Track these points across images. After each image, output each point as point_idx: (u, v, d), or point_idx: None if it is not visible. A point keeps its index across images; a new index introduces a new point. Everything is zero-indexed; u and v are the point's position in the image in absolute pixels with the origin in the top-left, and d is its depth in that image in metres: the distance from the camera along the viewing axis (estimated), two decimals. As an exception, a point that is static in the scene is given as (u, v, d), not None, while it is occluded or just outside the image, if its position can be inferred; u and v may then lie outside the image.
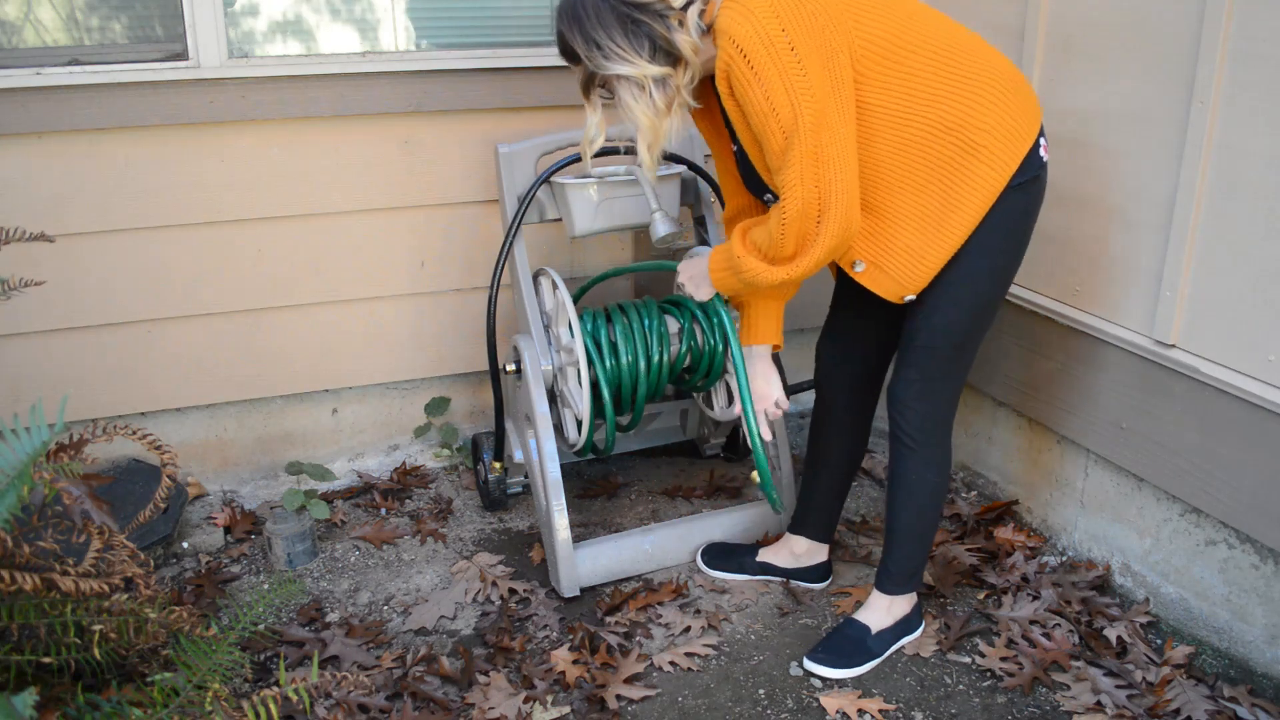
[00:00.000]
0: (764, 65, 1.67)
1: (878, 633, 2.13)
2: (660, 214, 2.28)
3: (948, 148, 1.79)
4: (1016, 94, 1.83)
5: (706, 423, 2.87)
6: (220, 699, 1.58)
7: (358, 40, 2.55)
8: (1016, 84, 1.84)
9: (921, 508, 2.08)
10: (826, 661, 2.10)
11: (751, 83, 1.69)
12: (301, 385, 2.75)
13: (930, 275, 1.88)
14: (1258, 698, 1.99)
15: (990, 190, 1.81)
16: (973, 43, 1.84)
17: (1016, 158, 1.82)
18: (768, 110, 1.70)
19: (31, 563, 1.59)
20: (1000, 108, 1.80)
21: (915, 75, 1.78)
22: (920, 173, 1.81)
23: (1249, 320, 1.96)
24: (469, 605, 2.32)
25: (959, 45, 1.81)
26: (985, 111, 1.79)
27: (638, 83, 1.79)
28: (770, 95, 1.69)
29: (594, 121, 1.94)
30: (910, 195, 1.83)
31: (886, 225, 1.87)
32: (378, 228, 2.67)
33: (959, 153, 1.80)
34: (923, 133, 1.79)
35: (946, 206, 1.82)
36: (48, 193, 2.37)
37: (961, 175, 1.80)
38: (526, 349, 2.37)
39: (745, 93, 1.72)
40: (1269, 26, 1.86)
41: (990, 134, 1.80)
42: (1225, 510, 2.04)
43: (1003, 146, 1.81)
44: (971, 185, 1.81)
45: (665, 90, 1.80)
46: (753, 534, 2.52)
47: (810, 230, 1.77)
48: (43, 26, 2.35)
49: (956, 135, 1.79)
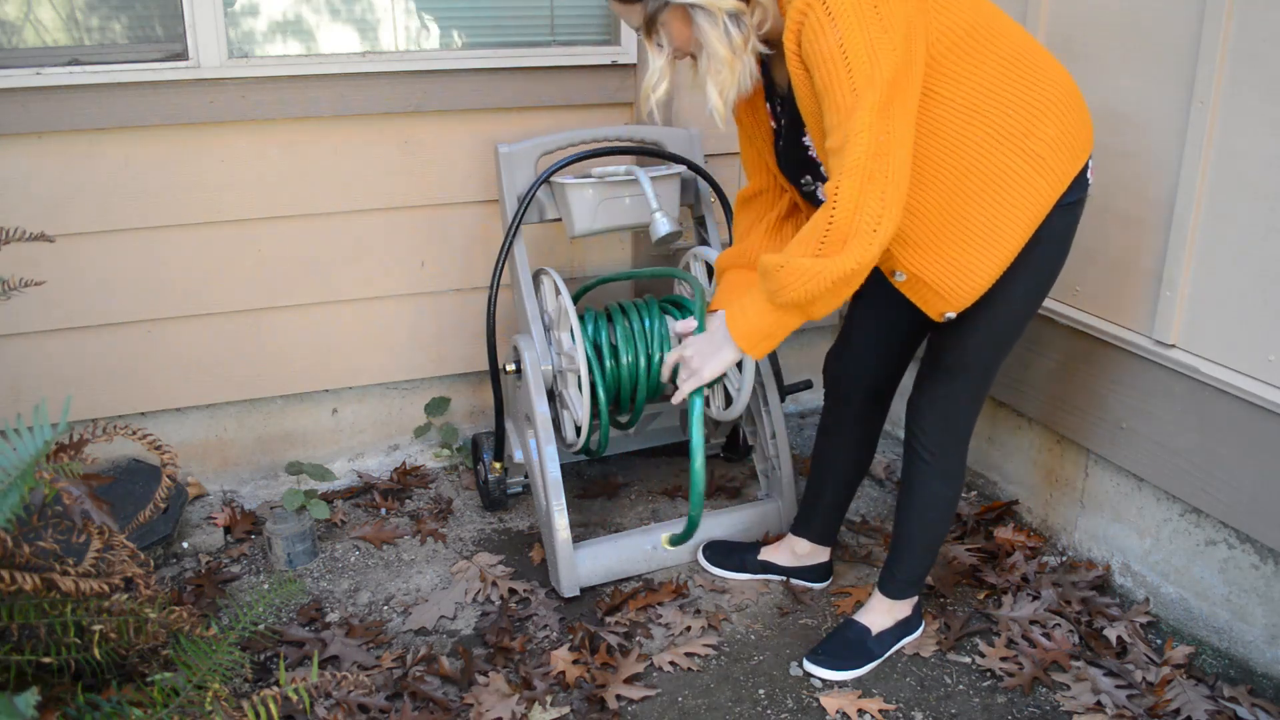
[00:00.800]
0: (844, 13, 1.53)
1: (878, 634, 2.13)
2: (660, 214, 2.28)
3: (1008, 155, 1.70)
4: (1077, 110, 1.76)
5: (707, 423, 2.87)
6: (220, 699, 1.58)
7: (358, 40, 2.55)
8: (1077, 99, 1.77)
9: (932, 520, 2.06)
10: (826, 663, 2.10)
11: (827, 30, 1.54)
12: (301, 385, 2.75)
13: (976, 294, 1.77)
14: (1258, 698, 1.99)
15: (1043, 206, 1.73)
16: (1040, 52, 1.76)
17: (1070, 174, 1.75)
18: (839, 61, 1.54)
19: (31, 563, 1.59)
20: (1063, 121, 1.73)
21: (986, 73, 1.68)
22: (976, 180, 1.71)
23: (1249, 320, 1.97)
24: (469, 605, 2.32)
25: (1029, 52, 1.73)
26: (1048, 123, 1.71)
27: (711, 12, 1.65)
28: (846, 43, 1.53)
29: (657, 67, 1.76)
30: (962, 203, 1.72)
31: (933, 234, 1.75)
32: (378, 228, 2.67)
33: (1020, 162, 1.70)
34: (984, 135, 1.69)
35: (999, 220, 1.72)
36: (48, 193, 2.37)
37: (1019, 187, 1.71)
38: (526, 349, 2.37)
39: (816, 43, 1.56)
40: (1269, 26, 1.86)
41: (1051, 147, 1.71)
42: (1225, 510, 2.04)
43: (1060, 161, 1.73)
44: (1027, 199, 1.71)
45: (740, 26, 1.66)
46: (753, 533, 2.52)
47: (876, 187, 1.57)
48: (43, 26, 2.35)
49: (1019, 144, 1.69)
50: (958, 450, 2.02)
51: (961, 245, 1.74)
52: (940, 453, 2.00)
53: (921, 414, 1.99)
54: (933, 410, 1.97)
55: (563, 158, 2.50)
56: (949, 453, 2.00)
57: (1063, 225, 1.80)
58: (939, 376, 1.94)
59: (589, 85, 2.70)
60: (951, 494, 2.05)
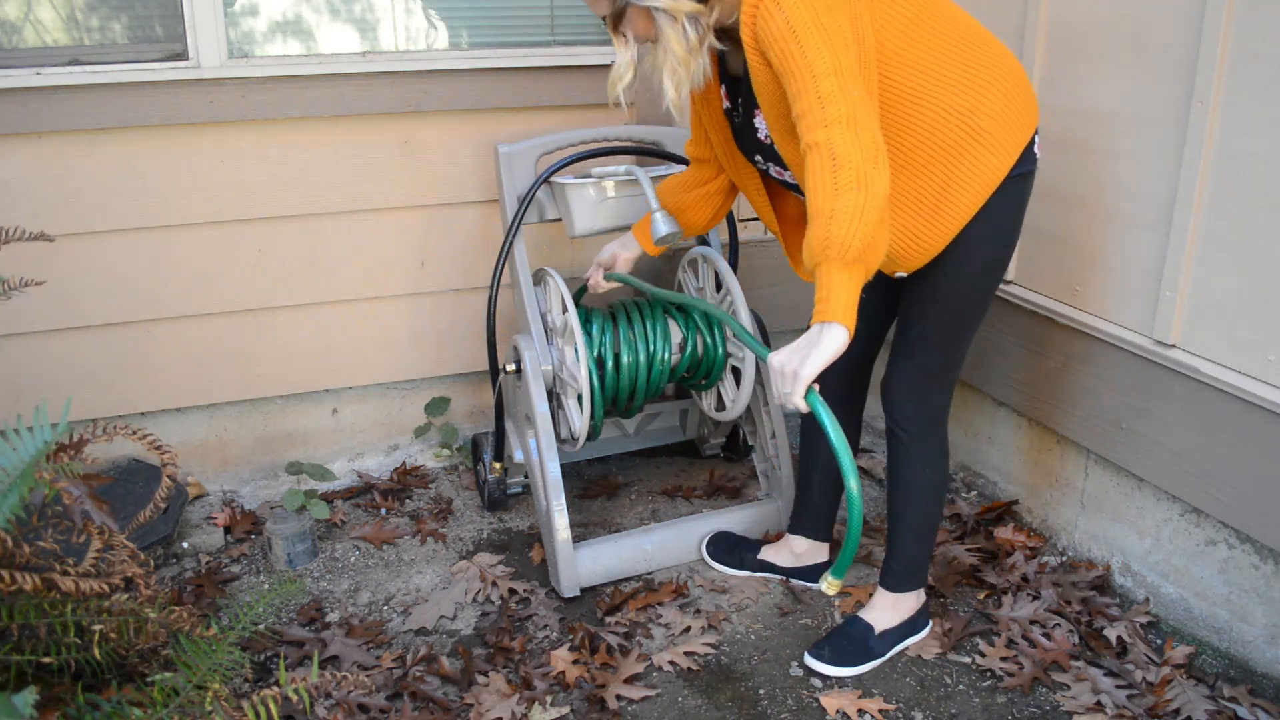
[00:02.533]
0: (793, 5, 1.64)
1: (881, 633, 2.13)
2: (660, 214, 2.28)
3: (954, 132, 1.80)
4: (1021, 88, 1.85)
5: (706, 423, 2.87)
6: (220, 699, 1.58)
7: (358, 40, 2.55)
8: (1021, 79, 1.86)
9: (921, 504, 2.09)
10: (826, 659, 2.10)
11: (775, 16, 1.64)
12: (301, 385, 2.75)
13: (926, 257, 1.87)
14: (1258, 698, 1.99)
15: (992, 178, 1.82)
16: (984, 35, 1.86)
17: (1018, 148, 1.83)
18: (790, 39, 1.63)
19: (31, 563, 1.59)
20: (1007, 98, 1.82)
21: (931, 57, 1.78)
22: (923, 154, 1.81)
23: (1249, 320, 1.96)
24: (469, 605, 2.32)
25: (972, 35, 1.84)
26: (992, 100, 1.80)
27: (671, 14, 1.76)
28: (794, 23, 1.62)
29: (624, 60, 1.85)
30: (911, 176, 1.82)
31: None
32: (378, 228, 2.67)
33: (964, 138, 1.80)
34: (932, 114, 1.79)
35: (946, 190, 1.82)
36: (48, 193, 2.38)
37: (965, 160, 1.81)
38: (526, 349, 2.37)
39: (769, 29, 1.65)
40: (1269, 26, 1.86)
41: (996, 121, 1.81)
42: (1225, 510, 2.04)
43: (1007, 135, 1.82)
44: (973, 171, 1.81)
45: (697, 27, 1.77)
46: (753, 533, 2.52)
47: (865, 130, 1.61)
48: (43, 26, 2.35)
49: (964, 121, 1.79)
50: (936, 429, 2.05)
51: (911, 213, 1.83)
52: (918, 432, 2.03)
53: (894, 391, 2.03)
54: (903, 385, 2.02)
55: (563, 158, 2.50)
56: (928, 431, 2.04)
57: (1014, 196, 1.88)
58: (908, 351, 1.99)
59: (589, 85, 2.70)
60: (937, 476, 2.07)
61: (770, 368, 1.70)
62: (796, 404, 1.67)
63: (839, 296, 1.61)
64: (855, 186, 1.57)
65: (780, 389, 1.68)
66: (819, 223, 1.60)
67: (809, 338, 1.64)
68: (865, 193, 1.57)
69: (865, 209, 1.57)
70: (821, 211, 1.59)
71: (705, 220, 2.27)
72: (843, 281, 1.61)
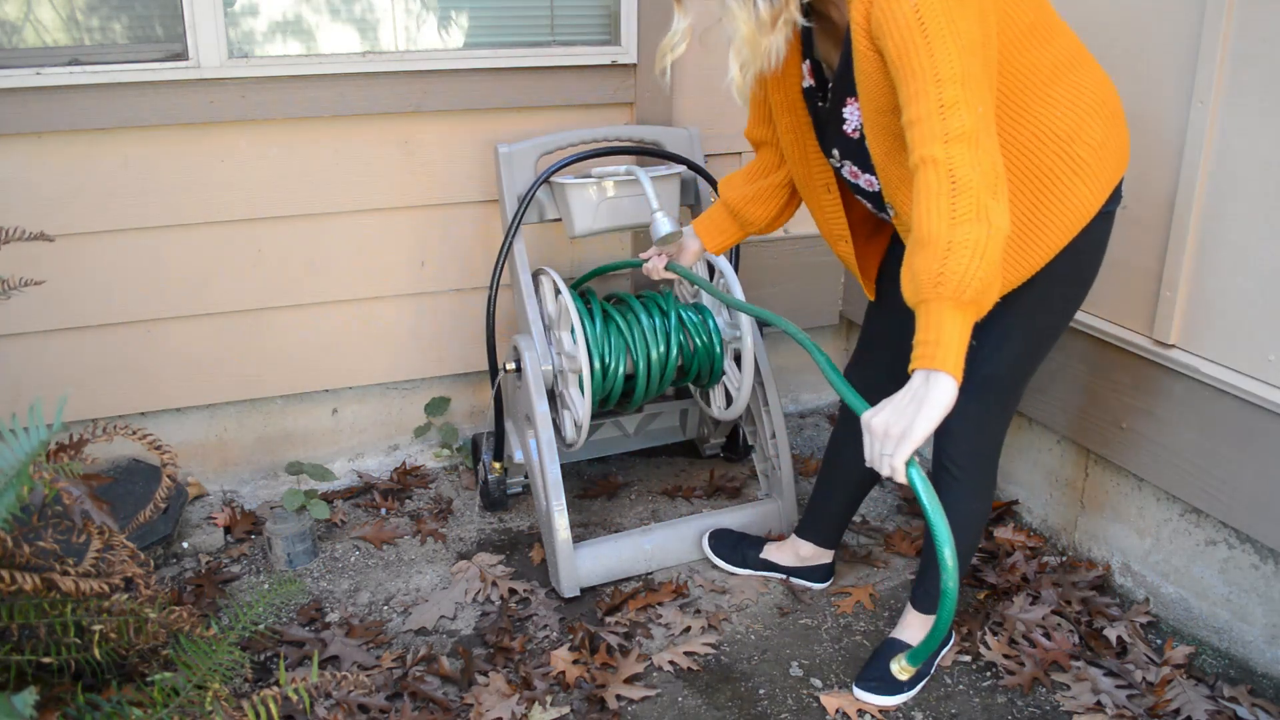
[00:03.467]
0: None
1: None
2: (660, 214, 2.28)
3: (1051, 157, 1.64)
4: (1119, 121, 1.72)
5: (706, 423, 2.87)
6: (220, 699, 1.58)
7: (358, 40, 2.55)
8: (1119, 111, 1.73)
9: (965, 536, 1.98)
10: (880, 689, 2.03)
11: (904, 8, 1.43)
12: (301, 385, 2.75)
13: (1003, 291, 1.65)
14: (1258, 698, 1.99)
15: (1084, 212, 1.67)
16: (1089, 58, 1.71)
17: (1111, 184, 1.69)
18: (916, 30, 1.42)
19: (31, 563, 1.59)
20: (1107, 129, 1.67)
21: (1040, 71, 1.62)
22: (1015, 178, 1.63)
23: (1249, 320, 1.96)
24: (469, 605, 2.32)
25: (1080, 57, 1.68)
26: (1094, 129, 1.65)
27: None
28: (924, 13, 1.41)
29: (681, 27, 1.65)
30: None
31: None
32: (378, 228, 2.67)
33: (1062, 165, 1.64)
34: (1031, 135, 1.62)
35: (1034, 221, 1.66)
36: (48, 192, 2.37)
37: (1058, 190, 1.65)
38: (526, 349, 2.37)
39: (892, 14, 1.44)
40: (1269, 26, 1.86)
41: (1095, 152, 1.66)
42: (1225, 510, 2.04)
43: (1103, 168, 1.67)
44: (1066, 203, 1.65)
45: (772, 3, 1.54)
46: (753, 533, 2.52)
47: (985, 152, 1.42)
48: (43, 26, 2.35)
49: (1064, 147, 1.63)
50: (990, 464, 1.94)
51: None
52: (972, 469, 1.91)
53: (952, 431, 1.85)
54: (965, 426, 1.84)
55: (563, 158, 2.50)
56: (982, 468, 1.92)
57: (1100, 233, 1.75)
58: (971, 390, 1.68)
59: (589, 85, 2.70)
60: (984, 508, 1.99)
61: (869, 430, 1.44)
62: (896, 470, 1.41)
63: (949, 341, 1.39)
64: (975, 217, 1.38)
65: (879, 451, 1.42)
66: (931, 254, 1.39)
67: (912, 392, 1.40)
68: (987, 226, 1.38)
69: (988, 245, 1.38)
70: (934, 240, 1.39)
71: (767, 217, 2.04)
72: (954, 324, 1.39)
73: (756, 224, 2.07)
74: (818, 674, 2.11)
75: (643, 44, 2.69)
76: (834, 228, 1.90)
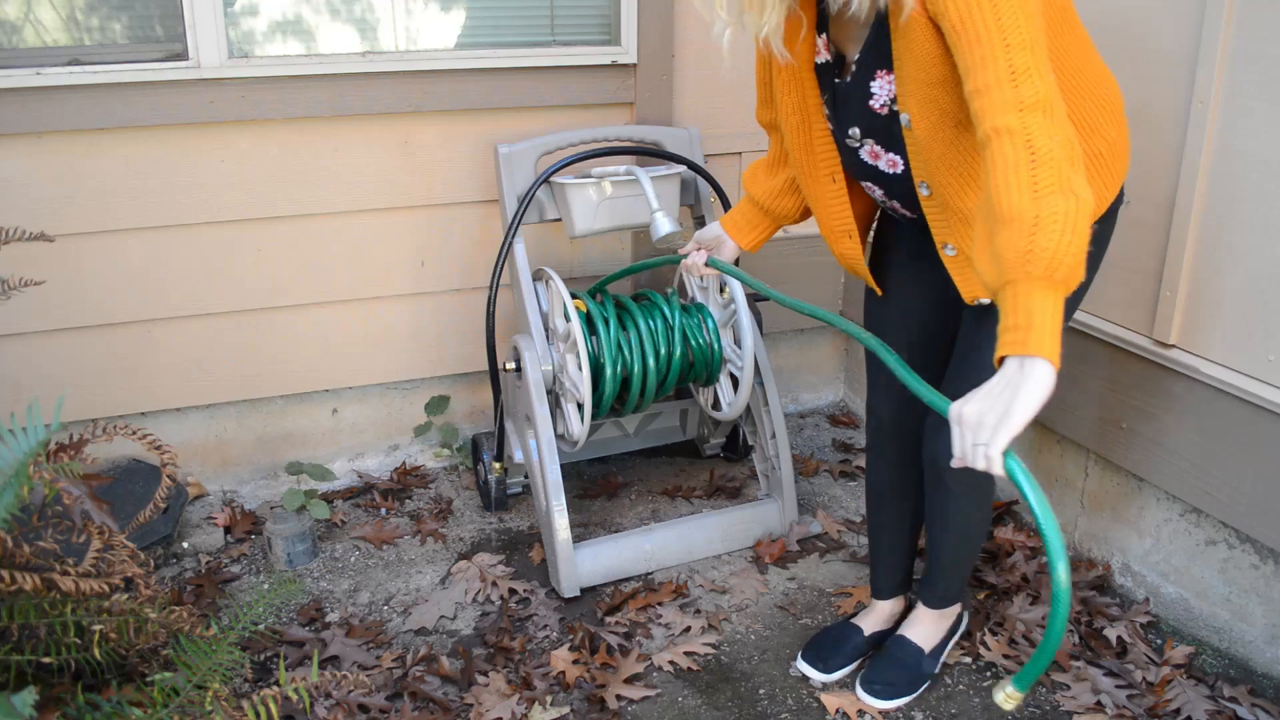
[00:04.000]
0: None
1: (931, 650, 2.06)
2: (660, 214, 2.28)
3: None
4: (1124, 118, 1.69)
5: (706, 423, 2.87)
6: (220, 699, 1.58)
7: (358, 40, 2.55)
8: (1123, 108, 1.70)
9: (968, 540, 1.96)
10: (885, 694, 2.00)
11: None
12: (301, 385, 2.75)
13: None
14: (1258, 698, 1.99)
15: (1099, 208, 1.63)
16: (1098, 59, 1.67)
17: (1119, 182, 1.67)
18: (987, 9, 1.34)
19: (31, 563, 1.59)
20: (1120, 127, 1.65)
21: (1070, 58, 1.55)
22: None
23: (1249, 320, 1.96)
24: (469, 605, 2.32)
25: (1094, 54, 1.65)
26: (1111, 125, 1.62)
27: None
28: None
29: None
30: None
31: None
32: (378, 228, 2.67)
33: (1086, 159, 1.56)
34: None
35: None
36: (48, 192, 2.37)
37: None
38: (526, 349, 2.37)
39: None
40: (1269, 27, 1.86)
41: (1111, 148, 1.62)
42: (1225, 510, 2.04)
43: (1116, 165, 1.64)
44: None
45: None
46: (752, 534, 2.52)
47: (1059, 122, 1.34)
48: (43, 26, 2.35)
49: (1087, 139, 1.58)
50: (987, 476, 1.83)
51: None
52: (971, 479, 1.80)
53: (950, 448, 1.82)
54: None
55: (563, 158, 2.50)
56: (981, 477, 1.79)
57: (1107, 231, 1.72)
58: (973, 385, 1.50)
59: (589, 85, 2.70)
60: (986, 515, 1.95)
61: (960, 421, 1.31)
62: (992, 463, 1.28)
63: (1043, 324, 1.29)
64: (1059, 189, 1.28)
65: (972, 441, 1.29)
66: (1017, 230, 1.29)
67: (1005, 379, 1.29)
68: (1074, 198, 1.28)
69: (1077, 218, 1.28)
70: (1019, 216, 1.29)
71: (799, 208, 1.96)
72: (1046, 305, 1.30)
73: (789, 215, 1.98)
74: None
75: (643, 44, 2.69)
76: (837, 221, 1.81)
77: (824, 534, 2.58)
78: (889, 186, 1.70)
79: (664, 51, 2.71)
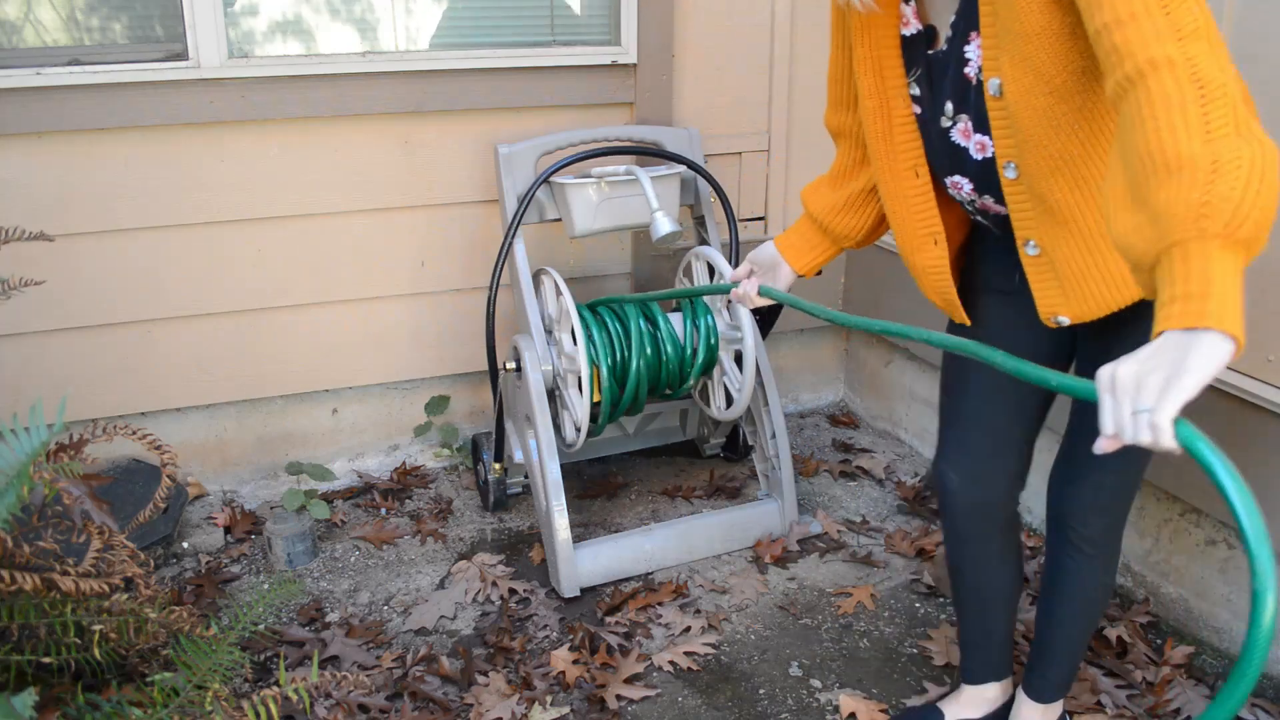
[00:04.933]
0: None
1: None
2: (660, 214, 2.28)
3: None
4: None
5: (706, 423, 2.88)
6: (220, 699, 1.58)
7: (358, 40, 2.55)
8: None
9: (1095, 614, 1.74)
10: None
11: None
12: (301, 385, 2.75)
13: (1109, 307, 1.38)
14: (1258, 698, 1.99)
15: None
16: None
17: None
18: None
19: (31, 563, 1.59)
20: None
21: None
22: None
23: (1248, 320, 1.95)
24: (469, 605, 2.33)
25: None
26: None
27: None
28: None
29: None
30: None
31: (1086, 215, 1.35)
32: (378, 228, 2.68)
33: None
34: None
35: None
36: (48, 193, 2.38)
37: None
38: (526, 349, 2.37)
39: None
40: (1268, 26, 1.86)
41: None
42: (1225, 510, 2.04)
43: None
44: None
45: None
46: (751, 534, 2.52)
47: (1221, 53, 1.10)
48: (43, 26, 2.35)
49: None
50: (1120, 530, 1.66)
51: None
52: (1105, 543, 1.64)
53: (1084, 504, 1.61)
54: (1100, 498, 1.60)
55: (563, 158, 2.50)
56: (1115, 538, 1.64)
57: None
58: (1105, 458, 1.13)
59: (589, 85, 2.70)
60: (1110, 580, 1.71)
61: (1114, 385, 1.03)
62: (1159, 431, 1.01)
63: (1221, 292, 1.07)
64: (1237, 130, 1.03)
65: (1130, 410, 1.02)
66: (1188, 180, 1.03)
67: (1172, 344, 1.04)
68: (1258, 143, 1.03)
69: (1265, 167, 1.03)
70: (1190, 162, 1.03)
71: (863, 228, 1.69)
72: (1225, 268, 1.08)
73: (851, 236, 1.70)
74: (818, 674, 2.11)
75: (643, 44, 2.69)
76: (920, 222, 1.53)
77: (824, 534, 2.58)
78: (978, 179, 1.46)
79: (664, 51, 2.72)
